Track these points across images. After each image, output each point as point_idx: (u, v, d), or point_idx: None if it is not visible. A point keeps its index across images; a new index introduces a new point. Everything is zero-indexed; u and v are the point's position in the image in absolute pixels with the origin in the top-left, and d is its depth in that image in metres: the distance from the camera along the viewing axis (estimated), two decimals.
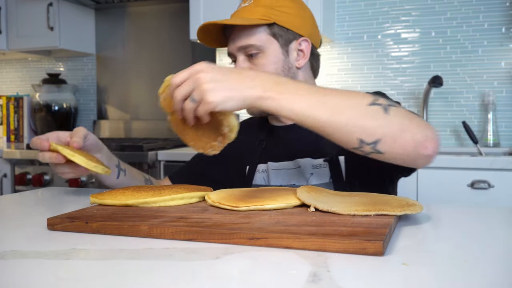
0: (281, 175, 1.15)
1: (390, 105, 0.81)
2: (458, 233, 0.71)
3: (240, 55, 1.13)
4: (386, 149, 0.80)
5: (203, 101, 0.76)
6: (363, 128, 0.78)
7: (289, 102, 0.78)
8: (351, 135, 0.79)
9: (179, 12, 2.80)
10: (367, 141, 0.79)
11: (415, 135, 0.80)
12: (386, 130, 0.79)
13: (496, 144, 2.24)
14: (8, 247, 0.63)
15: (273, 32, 1.12)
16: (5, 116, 3.00)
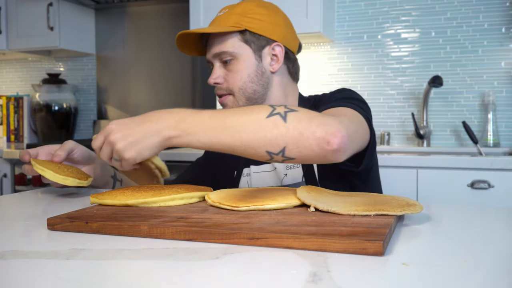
0: (261, 178, 1.19)
1: (288, 111, 0.83)
2: (458, 233, 0.71)
3: (216, 62, 1.18)
4: (295, 154, 0.82)
5: (122, 159, 0.83)
6: (266, 141, 0.81)
7: (195, 136, 0.82)
8: (258, 150, 0.82)
9: (179, 12, 2.80)
10: (274, 151, 0.82)
11: (315, 133, 0.81)
12: (287, 137, 0.81)
13: (496, 144, 2.24)
14: (8, 247, 0.63)
15: (245, 38, 1.15)
16: (5, 116, 3.00)
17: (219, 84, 1.19)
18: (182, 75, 2.85)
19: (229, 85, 1.17)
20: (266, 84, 1.17)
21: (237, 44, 1.15)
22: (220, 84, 1.19)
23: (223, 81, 1.18)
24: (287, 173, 1.15)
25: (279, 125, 0.81)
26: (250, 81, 1.16)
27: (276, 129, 0.81)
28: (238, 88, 1.16)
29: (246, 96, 1.16)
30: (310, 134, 0.81)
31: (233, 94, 1.17)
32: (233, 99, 1.17)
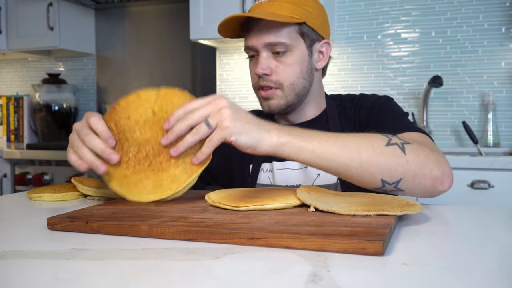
0: (287, 175, 1.14)
1: (404, 143, 0.84)
2: (458, 233, 0.71)
3: (265, 52, 1.08)
4: (407, 187, 0.83)
5: (220, 126, 0.75)
6: (384, 168, 0.81)
7: (308, 145, 0.78)
8: (374, 176, 0.81)
9: (179, 12, 2.80)
10: (389, 181, 0.82)
11: (433, 171, 0.83)
12: (405, 169, 0.81)
13: (496, 144, 2.24)
14: (8, 247, 0.63)
15: (302, 31, 1.09)
16: (5, 116, 3.00)
17: (268, 76, 1.09)
18: (182, 75, 2.85)
19: (280, 78, 1.09)
20: (311, 81, 1.13)
21: (293, 36, 1.08)
22: (269, 75, 1.09)
23: (272, 72, 1.09)
24: (320, 173, 1.10)
25: (400, 156, 0.81)
26: (302, 77, 1.10)
27: (397, 159, 0.81)
28: (290, 82, 1.09)
29: (296, 92, 1.10)
30: (428, 172, 0.83)
31: (282, 88, 1.09)
32: (281, 94, 1.10)
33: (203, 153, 0.78)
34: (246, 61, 1.17)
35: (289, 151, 0.78)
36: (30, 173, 2.39)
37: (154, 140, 0.83)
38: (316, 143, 0.78)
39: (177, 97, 0.82)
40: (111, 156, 0.81)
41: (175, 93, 0.83)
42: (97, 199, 0.98)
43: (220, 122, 0.76)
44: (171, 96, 0.83)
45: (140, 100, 0.84)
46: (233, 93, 2.75)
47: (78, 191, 1.01)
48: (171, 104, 0.82)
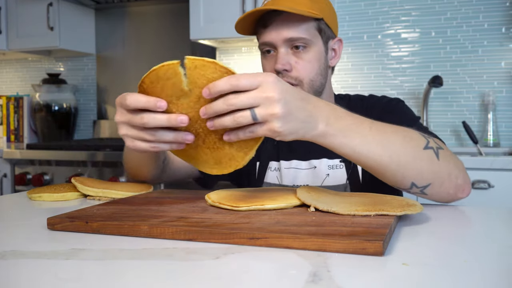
0: (294, 175, 1.12)
1: (439, 148, 0.83)
2: (458, 233, 0.71)
3: (283, 47, 1.06)
4: (432, 192, 0.83)
5: (269, 127, 0.68)
6: (417, 173, 0.80)
7: (351, 141, 0.75)
8: (405, 179, 0.81)
9: (179, 12, 2.80)
10: (419, 185, 0.82)
11: (458, 179, 0.84)
12: (436, 175, 0.81)
13: (496, 144, 2.24)
14: (8, 247, 0.63)
15: (319, 27, 1.07)
16: (5, 116, 3.00)
17: (288, 72, 1.06)
18: None
19: (300, 74, 1.06)
20: (327, 78, 1.12)
21: (312, 31, 1.06)
22: (289, 71, 1.06)
23: (292, 68, 1.06)
24: (329, 173, 1.09)
25: (434, 161, 0.81)
26: (320, 74, 1.09)
27: (431, 165, 0.81)
28: (310, 79, 1.07)
29: (314, 89, 1.09)
30: (454, 179, 0.83)
31: (302, 85, 1.07)
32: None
33: (238, 137, 0.71)
34: (246, 61, 1.17)
35: (331, 143, 0.75)
36: (30, 173, 2.39)
37: (200, 118, 0.73)
38: (359, 140, 0.76)
39: (210, 70, 0.69)
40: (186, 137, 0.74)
41: (204, 64, 0.69)
42: (97, 199, 0.98)
43: (269, 123, 0.68)
44: (202, 69, 0.70)
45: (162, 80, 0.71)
46: None
47: (78, 191, 1.01)
48: (206, 78, 0.70)
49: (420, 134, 0.84)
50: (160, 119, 0.71)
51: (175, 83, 0.71)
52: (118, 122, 0.76)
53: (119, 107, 0.76)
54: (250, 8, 2.30)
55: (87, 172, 2.30)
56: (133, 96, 0.72)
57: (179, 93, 0.71)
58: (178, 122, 0.71)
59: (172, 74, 0.70)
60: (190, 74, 0.70)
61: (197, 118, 0.73)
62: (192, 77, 0.70)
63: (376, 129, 0.78)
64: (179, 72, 0.70)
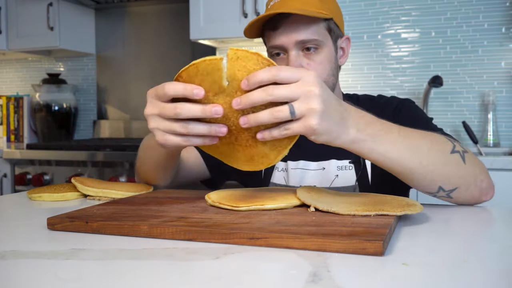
0: (301, 176, 1.11)
1: (464, 152, 0.83)
2: (458, 233, 0.71)
3: (294, 50, 1.03)
4: (458, 196, 0.84)
5: (305, 123, 0.66)
6: (445, 177, 0.80)
7: (381, 146, 0.74)
8: (433, 183, 0.81)
9: (179, 12, 2.80)
10: (446, 189, 0.82)
11: (483, 183, 0.84)
12: (463, 179, 0.82)
13: (496, 144, 2.25)
14: (8, 247, 0.63)
15: (329, 27, 1.06)
16: (5, 116, 3.00)
17: None
18: None
19: None
20: (337, 77, 1.11)
21: (322, 32, 1.04)
22: None
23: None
24: (338, 175, 1.08)
25: (460, 166, 0.81)
26: (332, 74, 1.07)
27: (458, 169, 0.81)
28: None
29: None
30: (479, 183, 0.84)
31: None
32: None
33: (272, 135, 0.69)
34: None
35: (360, 149, 0.74)
36: (30, 173, 2.39)
37: (233, 115, 0.71)
38: (389, 146, 0.75)
39: (252, 62, 0.68)
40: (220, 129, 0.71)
41: (247, 56, 0.67)
42: (97, 199, 0.98)
43: (307, 119, 0.66)
44: (244, 61, 0.68)
45: (202, 75, 0.69)
46: None
47: (78, 191, 1.01)
48: (246, 70, 0.68)
49: (446, 138, 0.84)
50: (194, 108, 0.69)
51: (215, 79, 0.68)
52: (148, 115, 0.73)
53: (151, 98, 0.74)
54: (250, 8, 2.30)
55: (87, 172, 2.29)
56: (171, 84, 0.70)
57: (217, 90, 0.69)
58: (212, 112, 0.68)
59: (213, 70, 0.68)
60: (231, 65, 0.68)
61: (231, 114, 0.71)
62: (232, 68, 0.67)
63: (404, 134, 0.78)
64: (221, 68, 0.67)
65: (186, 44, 2.78)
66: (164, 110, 0.71)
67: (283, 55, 1.06)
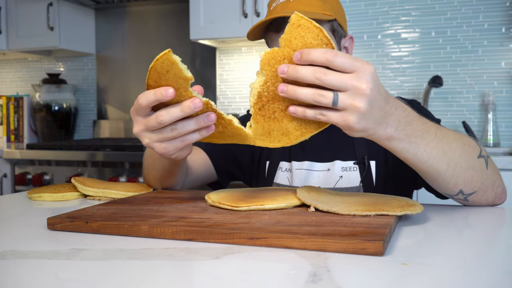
0: (305, 176, 1.11)
1: (487, 157, 0.84)
2: (458, 233, 0.71)
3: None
4: (474, 199, 0.84)
5: (344, 116, 0.65)
6: (468, 181, 0.80)
7: (415, 147, 0.74)
8: (456, 186, 0.81)
9: (179, 12, 2.80)
10: (465, 192, 0.82)
11: (499, 188, 0.84)
12: (483, 184, 0.82)
13: (496, 144, 2.25)
14: (8, 247, 0.63)
15: (333, 28, 1.05)
16: (5, 116, 3.00)
17: None
18: None
19: None
20: None
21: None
22: None
23: None
24: (342, 176, 1.08)
25: (483, 171, 0.82)
26: None
27: (480, 174, 0.81)
28: None
29: None
30: (496, 188, 0.84)
31: None
32: None
33: (305, 115, 0.67)
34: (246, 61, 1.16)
35: (394, 147, 0.73)
36: (30, 173, 2.39)
37: (271, 81, 0.69)
38: (422, 147, 0.74)
39: (312, 35, 0.65)
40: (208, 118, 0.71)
41: (309, 27, 0.65)
42: (97, 199, 0.98)
43: (348, 114, 0.64)
44: (304, 30, 0.65)
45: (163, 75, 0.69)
46: (233, 93, 2.75)
47: (78, 191, 1.01)
48: (303, 41, 0.66)
49: (475, 142, 0.84)
50: (173, 111, 0.69)
51: (176, 74, 0.68)
52: (138, 134, 0.74)
53: (134, 116, 0.74)
54: (250, 8, 2.30)
55: (87, 172, 2.29)
56: (143, 95, 0.70)
57: (185, 83, 0.69)
58: (192, 109, 0.68)
59: (168, 65, 0.67)
60: (289, 30, 0.65)
61: (269, 79, 0.68)
62: (290, 33, 0.65)
63: (441, 135, 0.77)
64: (174, 61, 0.67)
65: (186, 44, 2.78)
66: (148, 123, 0.72)
67: None
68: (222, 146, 1.18)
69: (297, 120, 0.70)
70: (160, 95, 0.68)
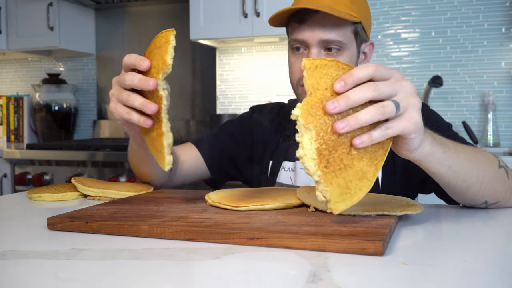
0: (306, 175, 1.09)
1: (506, 166, 0.84)
2: (458, 233, 0.71)
3: (316, 48, 1.01)
4: (494, 207, 0.85)
5: (408, 118, 0.61)
6: (493, 192, 0.80)
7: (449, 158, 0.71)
8: (482, 197, 0.81)
9: (179, 12, 2.80)
10: (490, 202, 0.82)
11: None
12: (506, 194, 0.83)
13: (496, 144, 2.25)
14: (8, 247, 0.63)
15: (356, 30, 1.03)
16: (5, 116, 3.00)
17: None
18: (182, 75, 2.85)
19: None
20: None
21: (348, 35, 1.01)
22: None
23: None
24: None
25: (505, 181, 0.82)
26: None
27: (503, 184, 0.82)
28: None
29: None
30: None
31: None
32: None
33: (373, 139, 0.60)
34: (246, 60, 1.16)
35: (431, 162, 0.69)
36: (30, 173, 2.39)
37: (322, 129, 0.61)
38: (454, 158, 0.72)
39: (333, 68, 0.62)
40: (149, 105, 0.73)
41: (326, 63, 0.62)
42: (97, 199, 0.98)
43: (410, 113, 0.61)
44: (325, 68, 0.62)
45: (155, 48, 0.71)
46: (233, 93, 2.75)
47: (78, 191, 1.01)
48: (330, 77, 0.62)
49: (491, 153, 0.84)
50: (134, 77, 0.74)
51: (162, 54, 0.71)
52: (110, 96, 0.80)
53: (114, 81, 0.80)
54: (250, 8, 2.30)
55: (87, 172, 2.29)
56: (128, 55, 0.76)
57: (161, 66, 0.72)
58: (145, 84, 0.72)
59: (162, 43, 0.71)
60: (310, 75, 0.62)
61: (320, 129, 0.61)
62: (313, 77, 0.62)
63: (461, 147, 0.75)
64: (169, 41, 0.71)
65: (186, 44, 2.78)
66: (118, 79, 0.78)
67: (304, 50, 1.04)
68: (216, 144, 1.19)
69: (365, 155, 0.63)
70: (137, 61, 0.74)
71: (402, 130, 0.61)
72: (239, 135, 1.21)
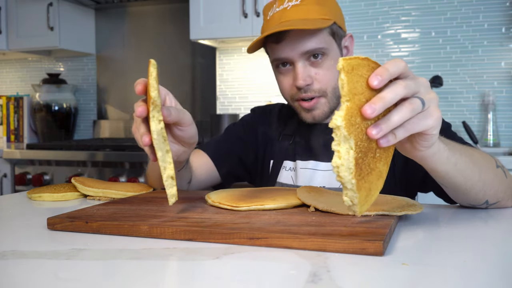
0: (310, 176, 1.10)
1: (503, 166, 0.85)
2: (458, 233, 0.71)
3: (300, 61, 1.02)
4: (495, 207, 0.85)
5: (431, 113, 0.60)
6: (494, 191, 0.81)
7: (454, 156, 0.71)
8: (484, 197, 0.81)
9: (179, 12, 2.80)
10: (490, 202, 0.82)
11: None
12: (505, 194, 0.83)
13: (496, 144, 2.25)
14: (8, 247, 0.63)
15: (332, 31, 1.03)
16: (5, 116, 3.00)
17: (309, 86, 1.02)
18: (182, 75, 2.85)
19: (322, 85, 1.03)
20: None
21: (327, 38, 1.02)
22: (310, 85, 1.02)
23: (313, 81, 1.02)
24: None
25: (504, 180, 0.82)
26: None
27: (502, 184, 0.82)
28: (332, 87, 1.03)
29: (337, 96, 1.05)
30: None
31: (326, 95, 1.04)
32: (325, 101, 1.04)
33: (398, 137, 0.59)
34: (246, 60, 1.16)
35: (437, 159, 0.68)
36: (30, 173, 2.39)
37: (359, 138, 0.58)
38: (458, 156, 0.71)
39: (365, 69, 0.58)
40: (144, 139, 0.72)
41: (359, 63, 0.58)
42: (97, 199, 0.98)
43: (432, 108, 0.60)
44: (359, 69, 0.58)
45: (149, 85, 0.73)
46: (233, 93, 2.75)
47: (78, 191, 1.01)
48: (363, 80, 0.58)
49: (489, 155, 0.84)
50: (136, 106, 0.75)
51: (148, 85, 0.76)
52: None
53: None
54: (250, 8, 2.30)
55: (87, 172, 2.29)
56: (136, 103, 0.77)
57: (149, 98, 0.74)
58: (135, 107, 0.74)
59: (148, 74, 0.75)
60: (350, 79, 0.57)
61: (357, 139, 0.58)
62: (352, 82, 0.57)
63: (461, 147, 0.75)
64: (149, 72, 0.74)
65: (186, 44, 2.78)
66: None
67: (289, 66, 1.05)
68: (226, 148, 1.19)
69: (383, 155, 0.62)
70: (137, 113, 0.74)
71: (427, 126, 0.60)
72: (245, 136, 1.21)
